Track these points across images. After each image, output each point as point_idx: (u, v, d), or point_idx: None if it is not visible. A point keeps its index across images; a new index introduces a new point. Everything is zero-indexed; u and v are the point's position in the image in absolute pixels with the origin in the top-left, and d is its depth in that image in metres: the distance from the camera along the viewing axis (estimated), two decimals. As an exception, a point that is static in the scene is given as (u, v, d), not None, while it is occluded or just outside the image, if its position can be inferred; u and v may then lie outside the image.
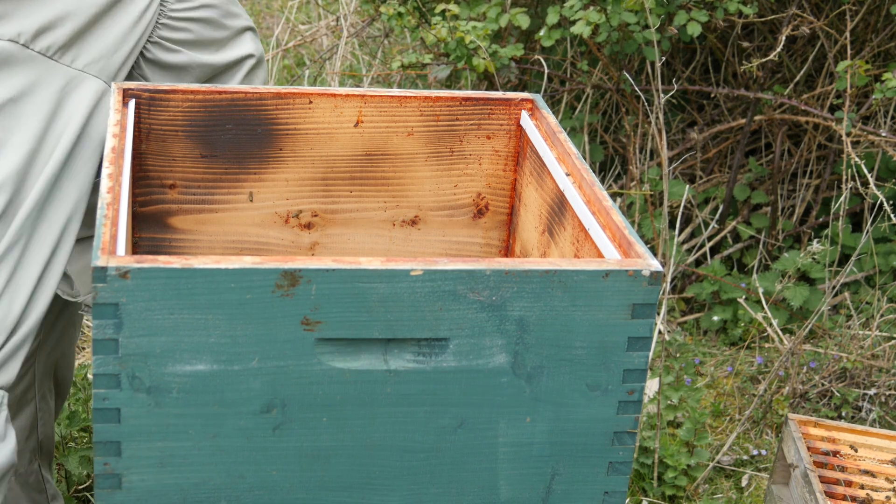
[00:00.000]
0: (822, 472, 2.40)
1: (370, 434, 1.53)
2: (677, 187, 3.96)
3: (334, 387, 1.49)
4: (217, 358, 1.45)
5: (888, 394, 3.34)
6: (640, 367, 1.54)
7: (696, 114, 4.26)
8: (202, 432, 1.49)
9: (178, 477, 1.51)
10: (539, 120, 1.94)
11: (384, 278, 1.44)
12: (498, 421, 1.54)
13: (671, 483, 3.05)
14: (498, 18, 3.76)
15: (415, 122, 1.97)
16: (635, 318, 1.51)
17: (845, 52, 3.83)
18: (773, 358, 3.61)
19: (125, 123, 1.82)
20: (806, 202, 4.08)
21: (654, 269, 1.50)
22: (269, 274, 1.42)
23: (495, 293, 1.47)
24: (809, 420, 2.55)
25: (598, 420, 1.56)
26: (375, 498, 1.56)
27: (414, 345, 1.50)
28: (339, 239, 2.04)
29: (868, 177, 3.25)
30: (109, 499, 1.51)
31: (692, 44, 4.18)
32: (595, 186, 1.73)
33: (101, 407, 1.46)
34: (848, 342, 3.51)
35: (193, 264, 1.41)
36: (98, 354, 1.43)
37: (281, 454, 1.52)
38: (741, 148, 3.93)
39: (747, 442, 3.31)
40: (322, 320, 1.46)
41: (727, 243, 4.06)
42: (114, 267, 1.40)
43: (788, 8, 3.70)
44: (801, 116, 3.83)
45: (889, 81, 3.26)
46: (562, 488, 1.59)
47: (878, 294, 3.72)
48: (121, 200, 1.59)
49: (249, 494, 1.53)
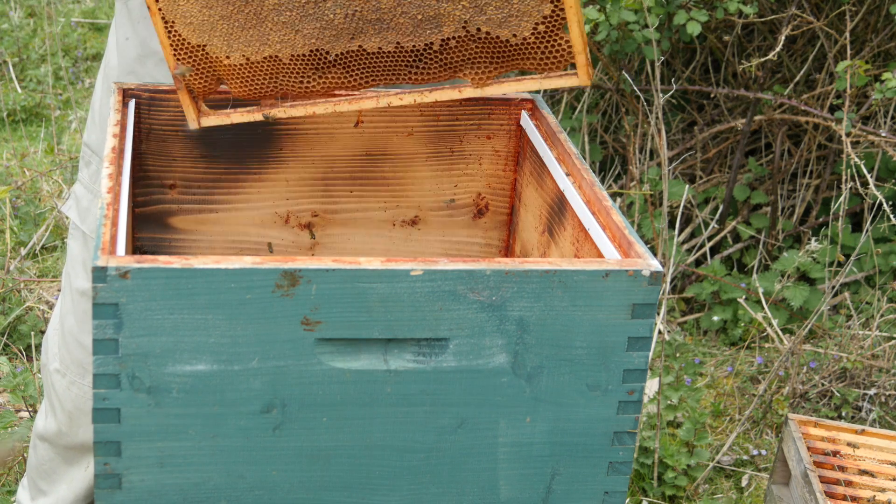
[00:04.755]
0: (822, 472, 2.40)
1: (370, 434, 1.53)
2: (677, 187, 3.96)
3: (334, 387, 1.49)
4: (217, 358, 1.45)
5: (888, 394, 3.34)
6: (640, 367, 1.54)
7: (696, 114, 4.26)
8: (202, 432, 1.49)
9: (178, 477, 1.51)
10: (539, 120, 1.94)
11: (384, 278, 1.44)
12: (498, 421, 1.54)
13: (671, 483, 3.05)
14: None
15: (415, 123, 1.97)
16: (635, 318, 1.51)
17: (845, 52, 3.83)
18: (773, 358, 3.61)
19: (125, 123, 1.82)
20: (806, 202, 4.08)
21: (654, 269, 1.50)
22: (269, 274, 1.42)
23: (495, 293, 1.47)
24: (809, 420, 2.55)
25: (598, 420, 1.56)
26: (375, 498, 1.56)
27: (414, 345, 1.50)
28: (339, 239, 2.04)
29: (868, 177, 3.25)
30: (109, 499, 1.51)
31: (692, 44, 4.18)
32: (595, 186, 1.73)
33: (101, 407, 1.46)
34: (848, 342, 3.51)
35: (193, 264, 1.41)
36: (98, 354, 1.43)
37: (281, 454, 1.52)
38: (741, 148, 3.93)
39: (747, 442, 3.31)
40: (322, 320, 1.46)
41: (727, 243, 4.06)
42: (114, 267, 1.40)
43: (788, 8, 3.70)
44: (801, 116, 3.83)
45: (889, 81, 3.26)
46: (562, 488, 1.59)
47: (878, 294, 3.72)
48: (121, 200, 1.59)
49: (249, 494, 1.53)
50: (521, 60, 1.76)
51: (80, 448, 2.30)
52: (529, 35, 1.73)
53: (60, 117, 5.12)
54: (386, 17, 1.75)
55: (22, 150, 4.70)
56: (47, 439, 2.33)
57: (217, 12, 1.77)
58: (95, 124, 2.16)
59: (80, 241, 2.18)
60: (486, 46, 1.75)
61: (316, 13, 1.76)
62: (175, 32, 1.79)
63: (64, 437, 2.30)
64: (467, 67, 1.78)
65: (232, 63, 1.81)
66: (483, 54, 1.76)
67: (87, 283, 2.16)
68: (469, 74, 1.78)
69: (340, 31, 1.77)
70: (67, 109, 5.21)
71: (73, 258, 2.20)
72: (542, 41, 1.73)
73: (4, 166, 4.49)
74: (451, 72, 1.78)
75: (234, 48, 1.80)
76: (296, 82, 1.81)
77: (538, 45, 1.74)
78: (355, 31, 1.76)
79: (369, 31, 1.76)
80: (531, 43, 1.73)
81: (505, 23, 1.73)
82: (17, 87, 5.30)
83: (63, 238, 4.09)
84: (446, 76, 1.79)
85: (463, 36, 1.74)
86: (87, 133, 2.20)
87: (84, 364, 2.21)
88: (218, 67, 1.82)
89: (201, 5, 1.77)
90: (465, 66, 1.77)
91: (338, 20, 1.76)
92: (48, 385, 2.30)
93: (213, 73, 1.83)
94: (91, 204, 2.14)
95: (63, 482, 2.36)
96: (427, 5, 1.73)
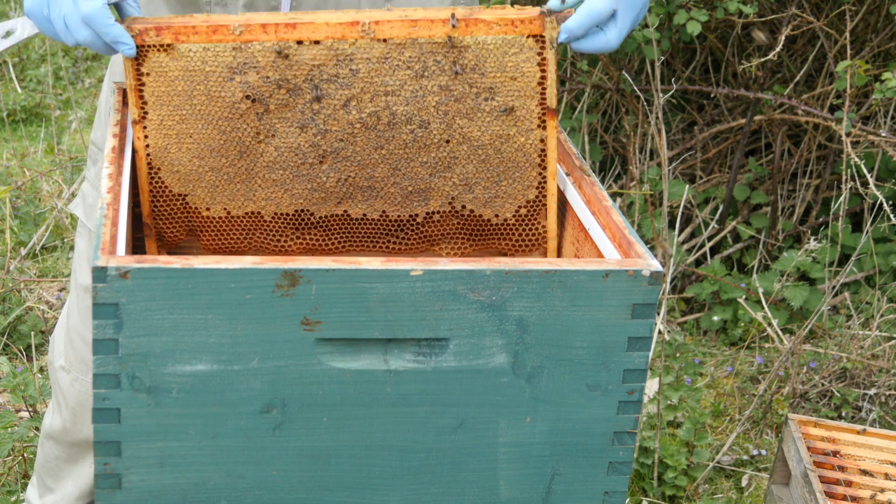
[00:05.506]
0: (822, 472, 2.40)
1: (370, 434, 1.53)
2: (677, 187, 3.96)
3: (334, 387, 1.49)
4: (217, 358, 1.45)
5: (888, 394, 3.34)
6: (640, 367, 1.54)
7: (696, 114, 4.26)
8: (202, 432, 1.49)
9: (178, 477, 1.51)
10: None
11: (384, 278, 1.44)
12: (498, 421, 1.54)
13: (671, 483, 3.05)
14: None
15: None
16: (635, 318, 1.51)
17: (845, 52, 3.83)
18: (773, 358, 3.61)
19: (125, 123, 1.82)
20: (806, 202, 4.08)
21: (654, 269, 1.50)
22: (269, 274, 1.42)
23: (495, 293, 1.47)
24: (809, 420, 2.55)
25: (598, 420, 1.56)
26: (375, 498, 1.56)
27: (414, 345, 1.49)
28: (339, 239, 2.04)
29: (868, 177, 3.25)
30: (109, 499, 1.51)
31: (692, 44, 4.18)
32: (595, 186, 1.73)
33: (101, 407, 1.46)
34: (848, 342, 3.51)
35: (193, 264, 1.41)
36: (98, 354, 1.43)
37: (281, 454, 1.52)
38: (741, 148, 3.93)
39: (747, 442, 3.31)
40: (322, 320, 1.45)
41: (727, 243, 4.06)
42: (114, 267, 1.40)
43: (788, 8, 3.70)
44: (801, 116, 3.83)
45: (889, 81, 3.26)
46: (562, 488, 1.59)
47: (878, 294, 3.72)
48: (121, 200, 1.59)
49: (249, 494, 1.53)
50: (498, 241, 1.83)
51: (85, 444, 2.31)
52: (511, 217, 1.81)
53: (60, 117, 5.12)
54: (378, 185, 1.77)
55: (22, 150, 4.70)
56: (53, 436, 2.34)
57: (207, 163, 1.77)
58: (102, 122, 2.16)
59: (87, 239, 2.19)
60: (466, 223, 1.82)
61: (309, 174, 1.77)
62: (158, 179, 1.79)
63: (69, 433, 2.31)
64: (444, 242, 1.83)
65: (211, 215, 1.81)
66: (462, 231, 1.82)
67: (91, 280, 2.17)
68: (445, 249, 1.83)
69: (329, 194, 1.78)
70: (67, 109, 5.21)
71: (79, 255, 2.20)
72: (521, 224, 1.81)
73: (4, 166, 4.49)
74: (429, 244, 1.83)
75: (216, 200, 1.80)
76: (272, 240, 1.83)
77: (517, 228, 1.82)
78: (344, 196, 1.78)
79: (358, 198, 1.79)
80: (511, 224, 1.81)
81: (490, 203, 1.80)
82: (17, 87, 5.30)
83: (63, 238, 4.09)
84: (422, 248, 1.83)
85: (448, 211, 1.80)
86: (94, 131, 2.20)
87: (87, 361, 2.22)
88: (194, 218, 1.81)
89: (192, 155, 1.76)
90: (442, 240, 1.82)
91: (330, 183, 1.77)
92: (54, 382, 2.31)
93: (186, 224, 1.82)
94: (97, 201, 2.14)
95: (69, 479, 2.37)
96: (419, 178, 1.77)
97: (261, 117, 1.74)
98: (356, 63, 1.71)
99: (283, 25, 1.69)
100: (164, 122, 1.74)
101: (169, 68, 1.71)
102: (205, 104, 1.73)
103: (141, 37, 1.69)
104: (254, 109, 1.73)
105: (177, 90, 1.72)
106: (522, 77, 1.73)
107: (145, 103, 1.73)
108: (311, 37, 1.70)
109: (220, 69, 1.71)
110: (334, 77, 1.72)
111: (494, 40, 1.70)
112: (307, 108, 1.74)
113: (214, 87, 1.72)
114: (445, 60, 1.71)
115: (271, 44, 1.70)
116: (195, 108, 1.74)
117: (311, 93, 1.72)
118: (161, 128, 1.74)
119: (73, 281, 2.24)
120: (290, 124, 1.75)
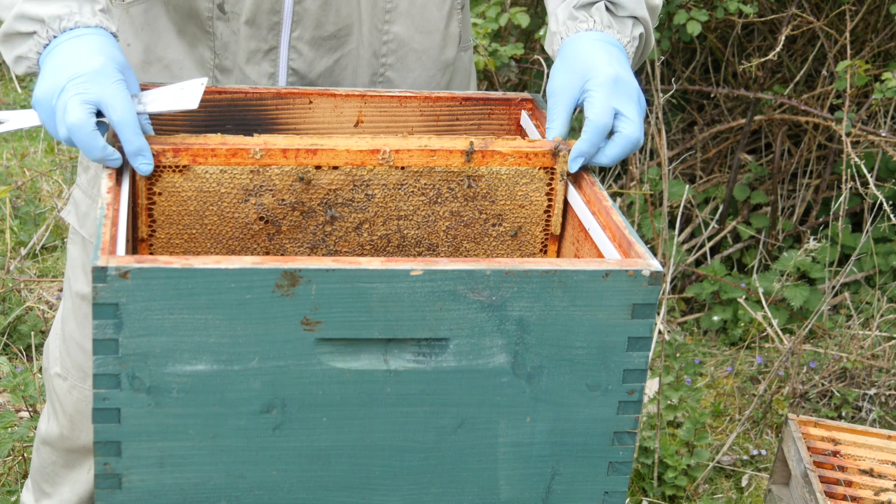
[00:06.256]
0: (822, 472, 2.40)
1: (370, 434, 1.53)
2: (677, 187, 3.96)
3: (334, 387, 1.49)
4: (217, 358, 1.45)
5: (888, 394, 3.34)
6: (640, 367, 1.54)
7: (696, 114, 4.26)
8: (202, 432, 1.49)
9: (178, 477, 1.51)
10: (539, 120, 1.94)
11: (384, 278, 1.44)
12: (498, 421, 1.54)
13: (671, 483, 3.05)
14: (498, 18, 3.76)
15: (415, 122, 1.97)
16: (635, 318, 1.51)
17: (845, 52, 3.83)
18: (773, 358, 3.61)
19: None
20: (806, 202, 4.08)
21: (654, 269, 1.50)
22: (269, 274, 1.42)
23: (495, 293, 1.47)
24: (809, 420, 2.55)
25: (598, 420, 1.56)
26: (375, 498, 1.56)
27: (414, 345, 1.49)
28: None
29: (868, 177, 3.25)
30: (109, 499, 1.51)
31: (692, 44, 4.18)
32: (595, 186, 1.73)
33: (101, 407, 1.46)
34: (848, 342, 3.51)
35: (193, 264, 1.41)
36: (98, 354, 1.43)
37: (281, 454, 1.52)
38: (741, 148, 3.93)
39: (747, 442, 3.31)
40: (322, 320, 1.45)
41: (727, 243, 4.06)
42: (114, 267, 1.40)
43: (788, 8, 3.70)
44: (801, 116, 3.83)
45: (889, 81, 3.26)
46: (562, 488, 1.59)
47: (878, 294, 3.72)
48: (121, 200, 1.59)
49: (249, 494, 1.53)
50: None
51: (83, 451, 2.31)
52: None
53: (60, 117, 5.11)
54: None
55: (22, 150, 4.70)
56: (49, 443, 2.34)
57: None
58: None
59: (80, 246, 2.18)
60: None
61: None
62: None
63: (66, 440, 2.31)
64: None
65: None
66: None
67: (86, 288, 2.16)
68: None
69: None
70: (67, 109, 5.20)
71: (73, 262, 2.20)
72: None
73: (4, 166, 4.49)
74: None
75: None
76: None
77: None
78: None
79: None
80: None
81: None
82: (18, 88, 5.30)
83: (63, 238, 4.09)
84: None
85: None
86: None
87: (84, 368, 2.21)
88: None
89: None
90: None
91: None
92: (50, 389, 2.30)
93: None
94: (90, 209, 2.13)
95: (66, 485, 2.36)
96: None
97: (272, 237, 1.75)
98: (372, 188, 1.74)
99: (303, 151, 1.70)
100: (172, 240, 1.74)
101: (182, 188, 1.71)
102: (216, 224, 1.74)
103: (157, 157, 1.68)
104: (266, 230, 1.75)
105: (188, 210, 1.72)
106: (530, 205, 1.79)
107: (154, 221, 1.72)
108: (331, 163, 1.72)
109: (236, 191, 1.72)
110: (349, 201, 1.75)
111: (508, 171, 1.76)
112: (319, 229, 1.76)
113: (228, 208, 1.73)
114: (459, 188, 1.77)
115: (290, 168, 1.71)
116: (206, 228, 1.74)
117: (324, 215, 1.74)
118: (168, 245, 1.74)
119: (66, 288, 2.23)
120: (301, 245, 1.77)
